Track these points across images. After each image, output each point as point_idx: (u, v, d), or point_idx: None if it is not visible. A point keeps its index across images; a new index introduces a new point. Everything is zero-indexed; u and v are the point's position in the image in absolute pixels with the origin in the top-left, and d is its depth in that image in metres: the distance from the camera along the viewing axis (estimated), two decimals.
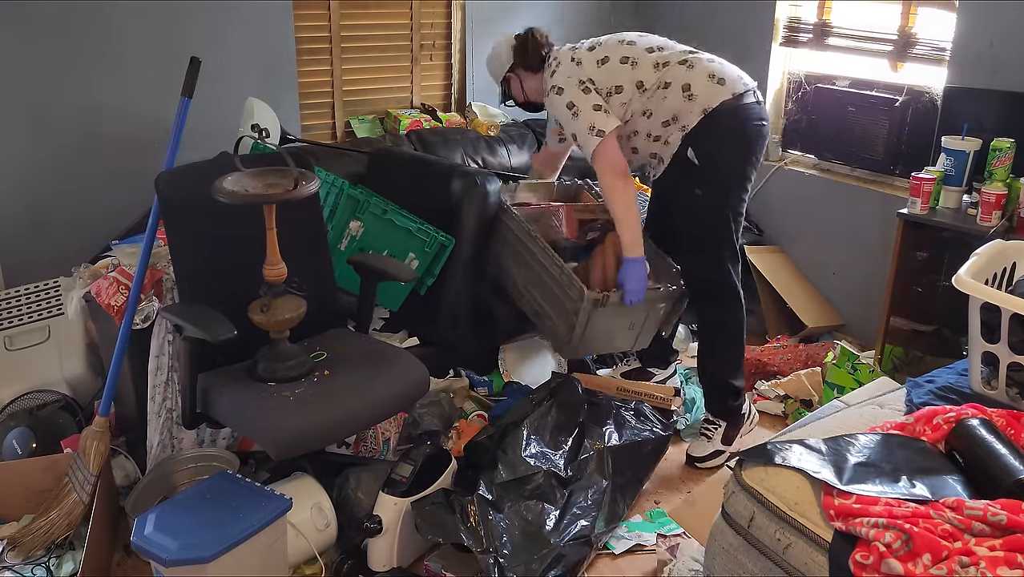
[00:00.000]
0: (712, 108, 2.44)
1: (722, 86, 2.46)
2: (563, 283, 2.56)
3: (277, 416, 2.00)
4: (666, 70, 2.49)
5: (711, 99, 2.44)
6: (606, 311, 2.54)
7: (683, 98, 2.45)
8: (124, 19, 2.89)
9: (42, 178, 2.88)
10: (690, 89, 2.45)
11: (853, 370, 2.94)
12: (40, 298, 2.76)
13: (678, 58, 2.51)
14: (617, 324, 2.65)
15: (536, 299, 2.70)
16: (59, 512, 2.19)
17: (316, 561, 2.15)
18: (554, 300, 2.62)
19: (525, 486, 2.25)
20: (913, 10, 3.24)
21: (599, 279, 2.65)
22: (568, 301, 2.54)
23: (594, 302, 2.50)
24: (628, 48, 2.55)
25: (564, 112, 2.52)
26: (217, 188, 1.99)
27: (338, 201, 2.69)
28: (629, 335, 2.72)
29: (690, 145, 2.49)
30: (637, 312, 2.63)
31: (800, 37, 3.64)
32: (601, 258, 2.68)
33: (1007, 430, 1.69)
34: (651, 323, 2.73)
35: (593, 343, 2.69)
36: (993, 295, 1.83)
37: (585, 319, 2.52)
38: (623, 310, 2.57)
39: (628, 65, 2.52)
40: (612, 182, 2.50)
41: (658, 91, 2.49)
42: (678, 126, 2.48)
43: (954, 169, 2.85)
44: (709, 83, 2.46)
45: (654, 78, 2.49)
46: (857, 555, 1.42)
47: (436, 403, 2.63)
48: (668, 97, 2.47)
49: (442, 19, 3.67)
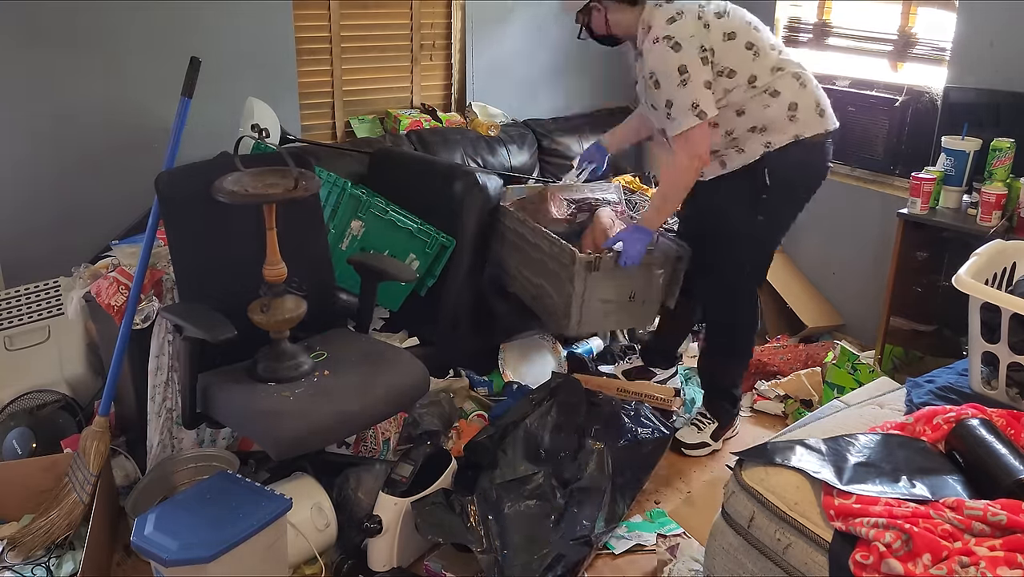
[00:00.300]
0: (804, 137, 2.35)
1: (822, 118, 2.38)
2: (555, 253, 2.53)
3: (277, 416, 2.00)
4: (780, 76, 2.34)
5: (808, 128, 2.35)
6: (602, 278, 2.50)
7: (786, 116, 2.34)
8: (124, 19, 2.89)
9: (42, 178, 2.88)
10: (796, 109, 2.34)
11: (853, 370, 2.94)
12: (40, 298, 2.76)
13: (793, 69, 2.37)
14: (616, 295, 2.60)
15: (530, 280, 2.69)
16: (59, 512, 2.19)
17: (316, 561, 2.15)
18: (549, 275, 2.59)
19: (525, 486, 2.25)
20: (913, 10, 3.24)
21: (589, 246, 2.61)
22: (562, 270, 2.51)
23: (587, 265, 2.46)
24: (755, 34, 2.35)
25: (670, 72, 2.24)
26: (217, 188, 1.99)
27: (340, 201, 2.69)
28: (631, 309, 2.65)
29: (767, 165, 2.37)
30: (635, 279, 2.59)
31: (800, 37, 3.64)
32: (590, 232, 2.67)
33: (1007, 430, 1.69)
34: (652, 294, 2.67)
35: (593, 320, 2.63)
36: (993, 295, 1.83)
37: (582, 287, 2.48)
38: (620, 278, 2.53)
39: (751, 53, 2.32)
40: (687, 166, 2.33)
41: (765, 95, 2.33)
42: (763, 140, 2.36)
43: (954, 169, 2.85)
44: (814, 111, 2.37)
45: (767, 79, 2.33)
46: (857, 555, 1.42)
47: (436, 403, 2.63)
48: (772, 107, 2.33)
49: (442, 19, 3.67)
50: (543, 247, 2.59)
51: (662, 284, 2.68)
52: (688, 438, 2.77)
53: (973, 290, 1.84)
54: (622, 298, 2.62)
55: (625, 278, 2.57)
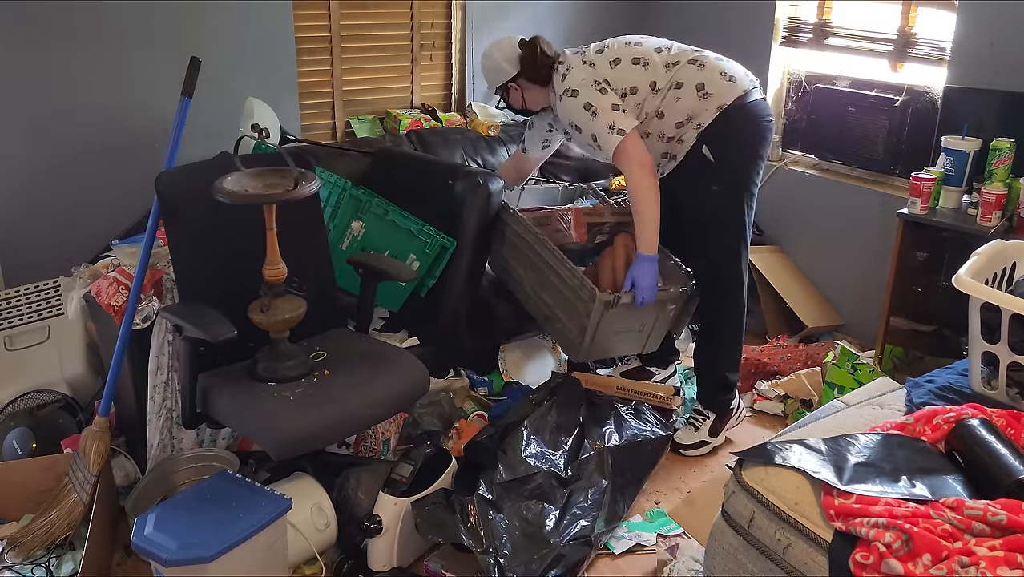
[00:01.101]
0: (727, 105, 2.46)
1: (733, 83, 2.49)
2: (574, 285, 2.55)
3: (277, 416, 2.00)
4: (677, 70, 2.50)
5: (725, 96, 2.47)
6: (617, 313, 2.53)
7: (698, 97, 2.47)
8: (124, 19, 2.89)
9: (42, 178, 2.88)
10: (704, 88, 2.47)
11: (853, 370, 2.94)
12: (40, 298, 2.76)
13: (687, 57, 2.52)
14: (627, 327, 2.64)
15: (546, 302, 2.69)
16: (59, 512, 2.19)
17: (316, 561, 2.15)
18: (565, 303, 2.60)
19: (525, 486, 2.25)
20: (913, 10, 3.24)
21: (608, 281, 2.65)
22: (579, 303, 2.53)
23: (606, 304, 2.49)
24: (636, 49, 2.55)
25: (581, 114, 2.48)
26: (217, 188, 1.99)
27: (340, 201, 2.69)
28: (639, 337, 2.71)
29: (705, 143, 2.50)
30: (647, 313, 2.63)
31: (800, 37, 3.64)
32: (610, 260, 2.68)
33: (1007, 430, 1.69)
34: (661, 325, 2.72)
35: (604, 346, 2.67)
36: (993, 295, 1.83)
37: (596, 321, 2.51)
38: (634, 312, 2.57)
39: (640, 66, 2.51)
40: (640, 178, 2.45)
41: (671, 91, 2.49)
42: (693, 124, 2.50)
43: (954, 169, 2.85)
44: (721, 80, 2.48)
45: (666, 78, 2.50)
46: (857, 555, 1.42)
47: (436, 403, 2.63)
48: (682, 97, 2.48)
49: (442, 19, 3.67)
50: (562, 275, 2.59)
51: (672, 317, 2.73)
52: (685, 439, 2.77)
53: (973, 290, 1.84)
54: (633, 329, 2.66)
55: (638, 313, 2.59)
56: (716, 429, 2.79)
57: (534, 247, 2.68)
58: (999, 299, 1.81)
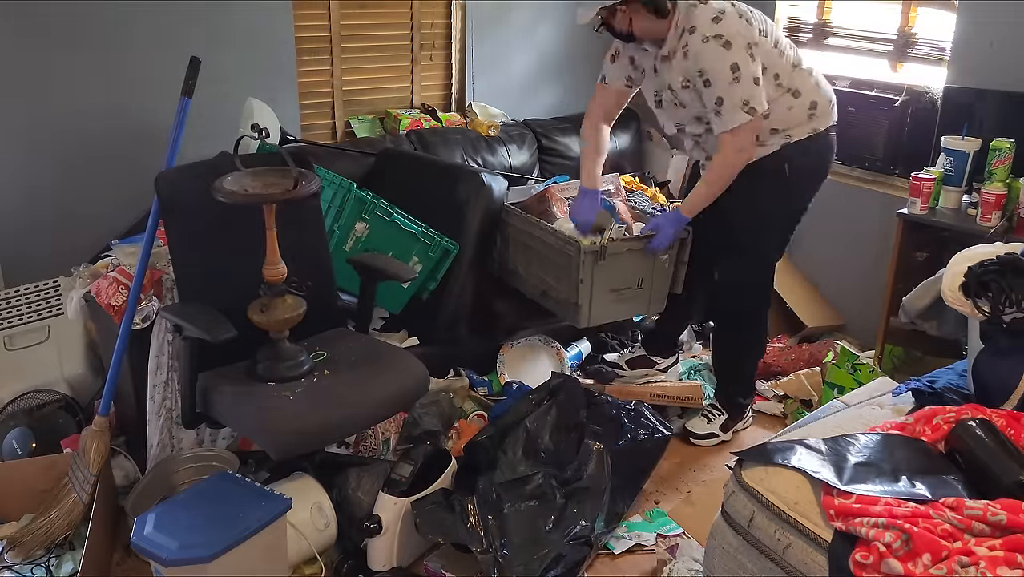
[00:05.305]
0: (820, 131, 2.46)
1: (832, 112, 2.50)
2: (560, 246, 2.59)
3: (277, 416, 2.00)
4: (797, 73, 2.41)
5: (822, 123, 2.47)
6: (608, 266, 2.57)
7: (806, 115, 2.43)
8: (124, 19, 2.89)
9: (42, 178, 2.88)
10: (815, 108, 2.44)
11: (853, 370, 2.94)
12: (40, 298, 2.76)
13: (805, 65, 2.45)
14: (624, 282, 2.66)
15: (538, 276, 2.74)
16: (59, 512, 2.19)
17: (316, 561, 2.15)
18: (557, 268, 2.65)
19: (525, 486, 2.25)
20: (913, 10, 3.24)
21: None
22: (569, 262, 2.58)
23: (593, 255, 2.53)
24: (775, 32, 2.40)
25: (723, 71, 2.24)
26: (217, 188, 1.99)
27: (344, 202, 2.69)
28: (640, 296, 2.73)
29: (787, 158, 2.45)
30: (641, 266, 2.66)
31: (800, 37, 3.64)
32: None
33: (1007, 430, 1.69)
34: (659, 281, 2.74)
35: (604, 309, 2.69)
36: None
37: (589, 277, 2.55)
38: (626, 265, 2.60)
39: (777, 51, 2.36)
40: (734, 161, 2.36)
41: (787, 94, 2.39)
42: (783, 135, 2.44)
43: (954, 169, 2.85)
44: (828, 107, 2.48)
45: (788, 77, 2.39)
46: (857, 555, 1.43)
47: (436, 403, 2.63)
48: (794, 108, 2.41)
49: (442, 19, 3.67)
50: (549, 241, 2.64)
51: (668, 268, 2.74)
52: (697, 428, 2.83)
53: (960, 305, 1.91)
54: (630, 286, 2.68)
55: (631, 265, 2.62)
56: (727, 426, 2.85)
57: (523, 228, 2.73)
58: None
